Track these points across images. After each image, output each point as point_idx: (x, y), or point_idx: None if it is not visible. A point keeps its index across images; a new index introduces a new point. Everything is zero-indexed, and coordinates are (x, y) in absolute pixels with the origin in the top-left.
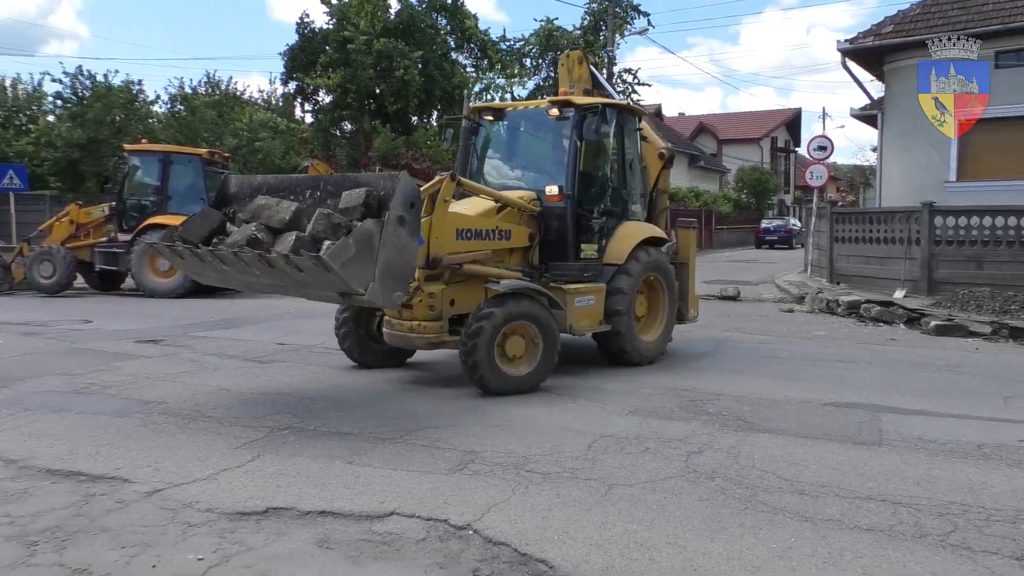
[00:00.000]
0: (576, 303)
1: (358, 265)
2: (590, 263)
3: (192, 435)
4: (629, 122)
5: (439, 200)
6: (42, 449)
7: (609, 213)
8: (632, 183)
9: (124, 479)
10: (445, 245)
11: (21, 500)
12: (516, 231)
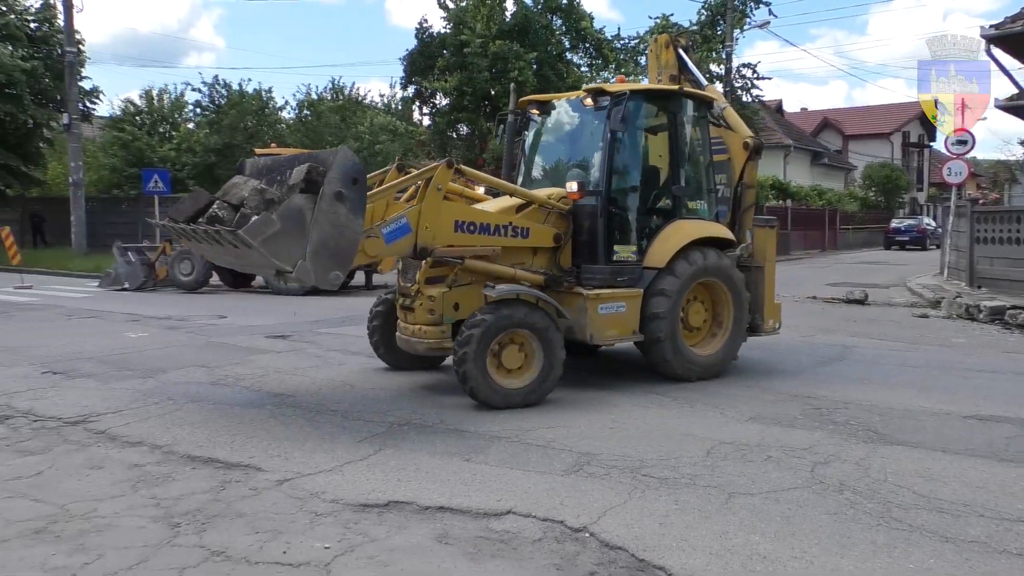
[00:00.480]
0: (600, 310)
1: (284, 241)
2: (625, 266)
3: (318, 427)
4: (687, 109)
5: (431, 187)
6: (184, 436)
7: (654, 211)
8: (694, 177)
9: (257, 467)
10: (439, 236)
11: (165, 484)
12: (537, 230)
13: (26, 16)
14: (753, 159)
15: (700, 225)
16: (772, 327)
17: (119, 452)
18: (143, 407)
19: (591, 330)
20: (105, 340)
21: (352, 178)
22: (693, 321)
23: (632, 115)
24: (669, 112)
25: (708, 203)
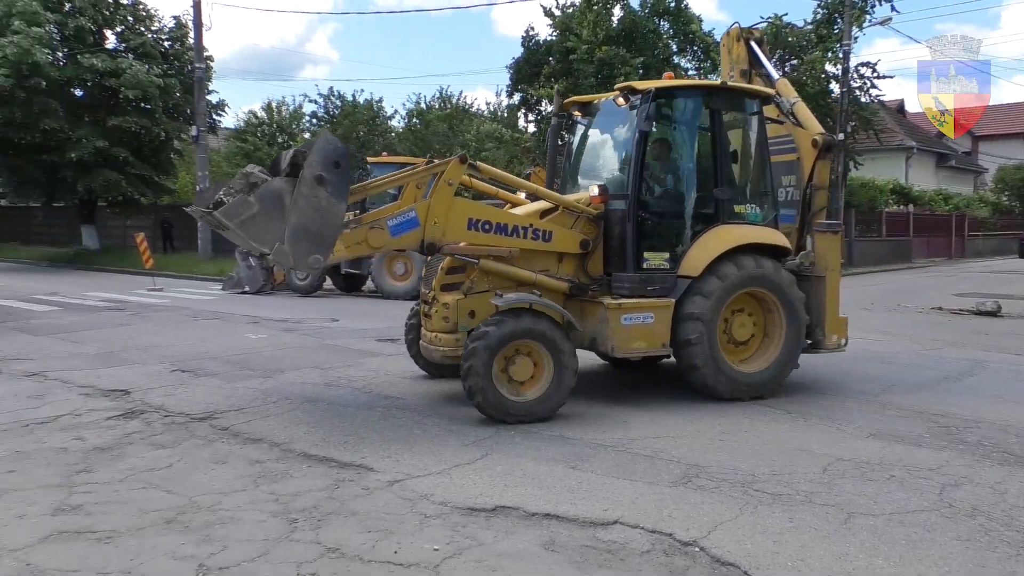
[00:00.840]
0: (623, 321)
1: (262, 223)
2: (656, 274)
3: (426, 431)
4: (735, 106)
5: (441, 182)
6: (300, 435)
7: (691, 216)
8: (742, 178)
9: (369, 468)
10: (449, 233)
11: (283, 480)
12: (562, 234)
13: (161, 35)
14: (823, 158)
15: (745, 231)
16: (836, 343)
17: (241, 448)
18: (263, 406)
19: (612, 342)
20: (228, 341)
21: (334, 161)
22: (738, 335)
23: (663, 113)
24: (711, 110)
25: (762, 206)
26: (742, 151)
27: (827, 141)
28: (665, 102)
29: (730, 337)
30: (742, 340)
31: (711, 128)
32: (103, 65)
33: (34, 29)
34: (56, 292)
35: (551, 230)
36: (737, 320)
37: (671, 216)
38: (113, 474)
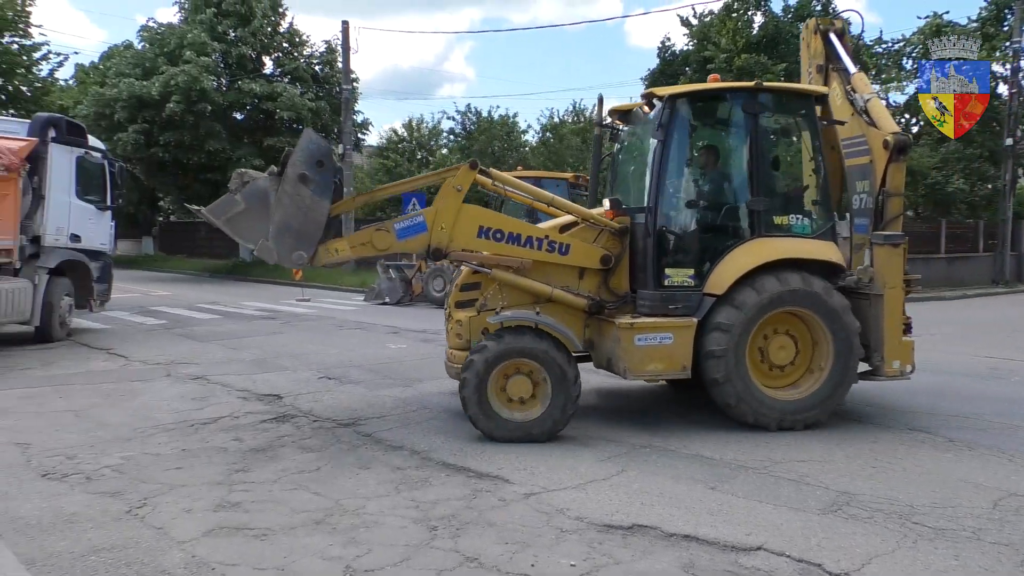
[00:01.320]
0: (637, 341)
1: (247, 221)
2: (679, 292)
3: (561, 444)
4: (778, 107)
5: (450, 187)
6: (439, 444)
7: (720, 228)
8: (787, 186)
9: (505, 479)
10: (457, 239)
11: (423, 488)
12: (580, 248)
13: (312, 60)
14: (896, 160)
15: (783, 244)
16: (898, 371)
17: (384, 454)
18: (403, 414)
19: (625, 363)
20: (370, 350)
21: (317, 160)
22: (776, 358)
23: (684, 120)
24: (746, 113)
25: (813, 217)
26: (788, 156)
27: (899, 141)
28: (685, 108)
29: (766, 359)
30: (780, 363)
31: (745, 133)
32: (261, 90)
33: (202, 58)
34: (216, 301)
35: (569, 243)
36: (775, 342)
37: (696, 230)
38: (267, 474)
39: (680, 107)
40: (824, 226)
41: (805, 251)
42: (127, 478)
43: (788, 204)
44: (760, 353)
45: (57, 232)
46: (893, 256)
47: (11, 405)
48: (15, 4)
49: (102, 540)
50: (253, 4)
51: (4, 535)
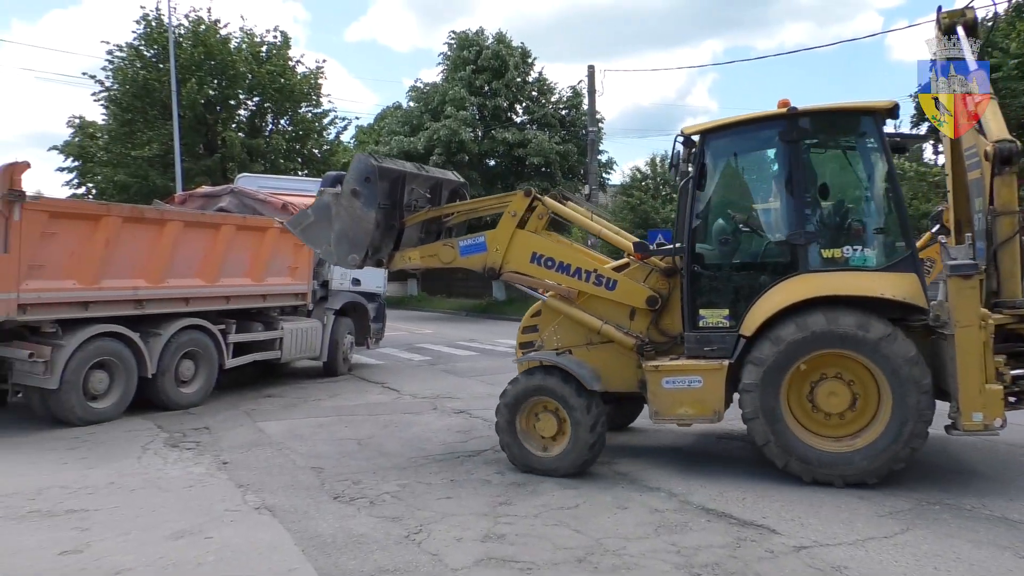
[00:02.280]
0: (664, 384)
1: (316, 230)
2: (714, 333)
3: (833, 495)
4: (827, 129)
5: (506, 213)
6: (696, 487)
7: (756, 267)
8: (843, 215)
9: (771, 529)
10: (511, 262)
11: (683, 532)
12: (627, 286)
13: (559, 105)
14: (1001, 173)
15: (828, 280)
16: (982, 424)
17: (640, 495)
18: (658, 454)
19: (654, 406)
20: None
21: (365, 177)
22: (826, 404)
23: (714, 155)
24: (784, 142)
25: (878, 247)
26: (842, 182)
27: (1002, 150)
28: (715, 143)
29: (817, 407)
30: (831, 411)
31: (785, 162)
32: (513, 137)
33: (461, 112)
34: (473, 339)
35: (616, 280)
36: (825, 387)
37: (730, 269)
38: (529, 508)
39: (709, 143)
40: (896, 257)
41: (846, 287)
42: (404, 504)
43: (841, 235)
44: (809, 398)
45: (342, 277)
46: (965, 289)
47: (307, 432)
48: (310, 79)
49: (386, 561)
50: (506, 58)
51: (306, 550)
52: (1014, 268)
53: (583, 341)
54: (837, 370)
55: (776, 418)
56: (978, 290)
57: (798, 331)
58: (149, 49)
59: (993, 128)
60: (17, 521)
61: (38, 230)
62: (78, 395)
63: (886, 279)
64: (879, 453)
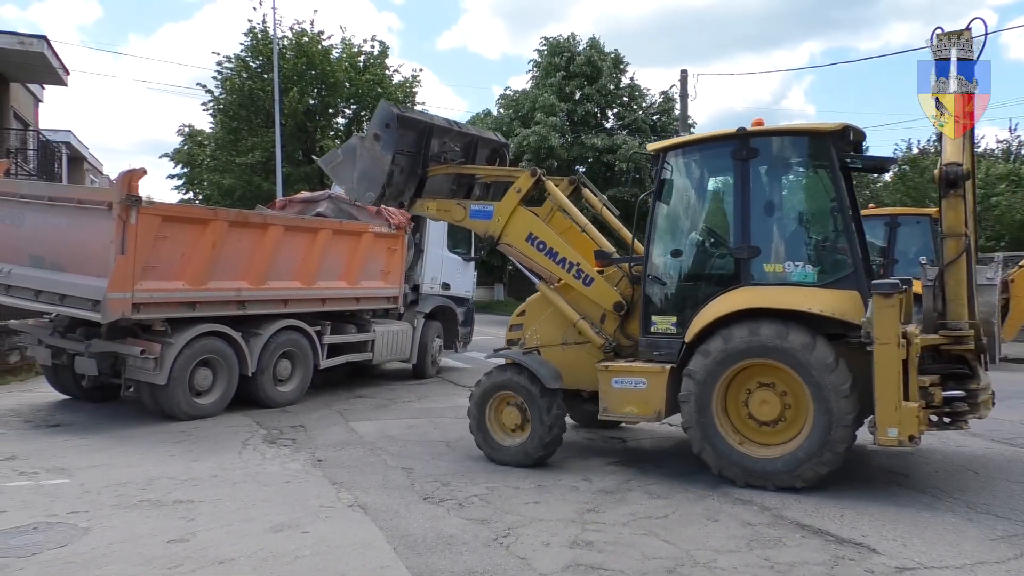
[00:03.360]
0: (614, 384)
1: (343, 168)
2: (662, 339)
3: (939, 515)
4: (778, 151)
5: (512, 188)
6: (791, 502)
7: (705, 278)
8: (785, 232)
9: (871, 548)
10: (508, 235)
11: (777, 547)
12: (600, 287)
13: (650, 111)
14: (947, 196)
15: (764, 293)
16: (894, 440)
17: (732, 507)
18: None
19: (604, 403)
20: None
21: (385, 123)
22: (758, 413)
23: (673, 171)
24: (735, 160)
25: (822, 264)
26: (790, 200)
27: (948, 173)
28: (674, 160)
29: (751, 415)
30: (765, 419)
31: (735, 180)
32: (602, 143)
33: (551, 119)
34: None
35: (593, 278)
36: (758, 396)
37: (682, 279)
38: (617, 517)
39: (669, 160)
40: (839, 273)
41: (775, 300)
42: (492, 507)
43: (784, 251)
44: (745, 406)
45: (432, 281)
46: (884, 308)
47: (398, 433)
48: (405, 87)
49: (475, 563)
50: (599, 64)
51: (397, 549)
52: (959, 290)
53: (559, 341)
54: (770, 380)
55: (709, 426)
56: (898, 309)
57: (724, 343)
58: (255, 60)
59: (948, 150)
60: (130, 509)
61: (152, 233)
62: (184, 391)
63: (821, 295)
64: (805, 458)
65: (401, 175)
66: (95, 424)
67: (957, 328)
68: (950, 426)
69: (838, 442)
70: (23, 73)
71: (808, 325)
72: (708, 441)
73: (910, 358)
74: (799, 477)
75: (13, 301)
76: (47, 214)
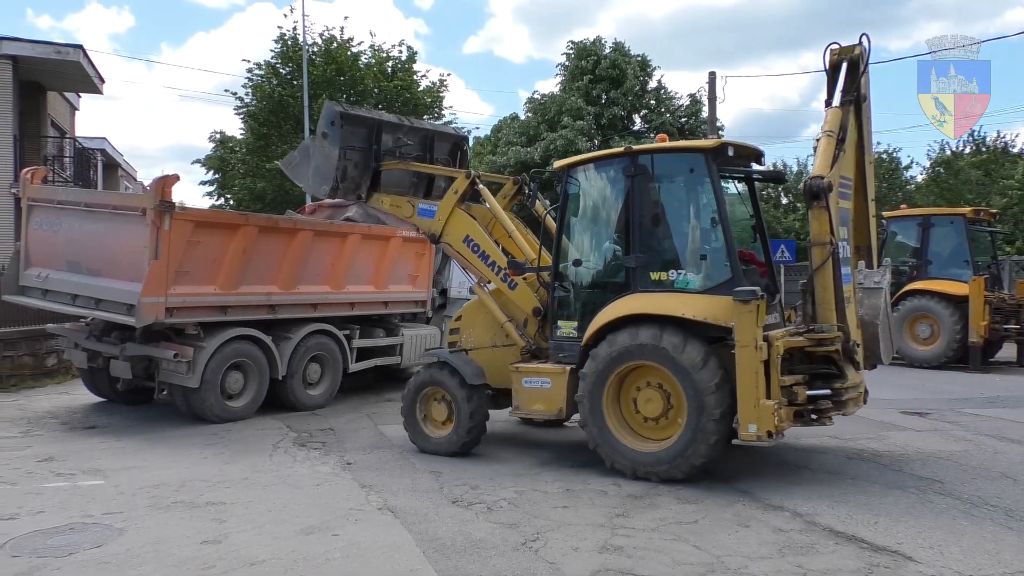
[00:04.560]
0: (524, 383)
1: (301, 168)
2: (565, 342)
3: (976, 523)
4: (663, 167)
5: (450, 190)
6: (824, 508)
7: (602, 286)
8: (670, 243)
9: (906, 555)
10: (447, 235)
11: (810, 554)
12: (523, 291)
13: (678, 114)
14: (811, 207)
15: (647, 300)
16: (754, 436)
17: (763, 513)
18: (781, 472)
19: (515, 401)
20: None
21: (330, 121)
22: (645, 410)
23: (574, 186)
24: (625, 176)
25: (702, 272)
26: (675, 213)
27: (811, 187)
28: (575, 175)
29: (640, 411)
30: (650, 416)
31: (625, 194)
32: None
33: (577, 122)
34: None
35: (516, 282)
36: (644, 395)
37: (582, 286)
38: (646, 522)
39: (571, 175)
40: (717, 281)
41: (654, 306)
42: (521, 511)
43: (669, 260)
44: (634, 404)
45: (459, 285)
46: (744, 313)
47: None
48: (433, 91)
49: (504, 567)
50: (624, 67)
51: (427, 552)
52: (825, 295)
53: (489, 343)
54: (655, 380)
55: (601, 424)
56: (755, 314)
57: (609, 347)
58: (285, 67)
59: (817, 164)
60: (163, 511)
61: (185, 238)
62: (216, 394)
63: (698, 301)
64: (682, 451)
65: (356, 169)
66: (129, 426)
67: (821, 331)
68: (816, 422)
69: (709, 434)
70: (60, 82)
71: (687, 329)
72: (601, 437)
73: (772, 359)
74: (678, 468)
75: (50, 305)
76: (83, 220)
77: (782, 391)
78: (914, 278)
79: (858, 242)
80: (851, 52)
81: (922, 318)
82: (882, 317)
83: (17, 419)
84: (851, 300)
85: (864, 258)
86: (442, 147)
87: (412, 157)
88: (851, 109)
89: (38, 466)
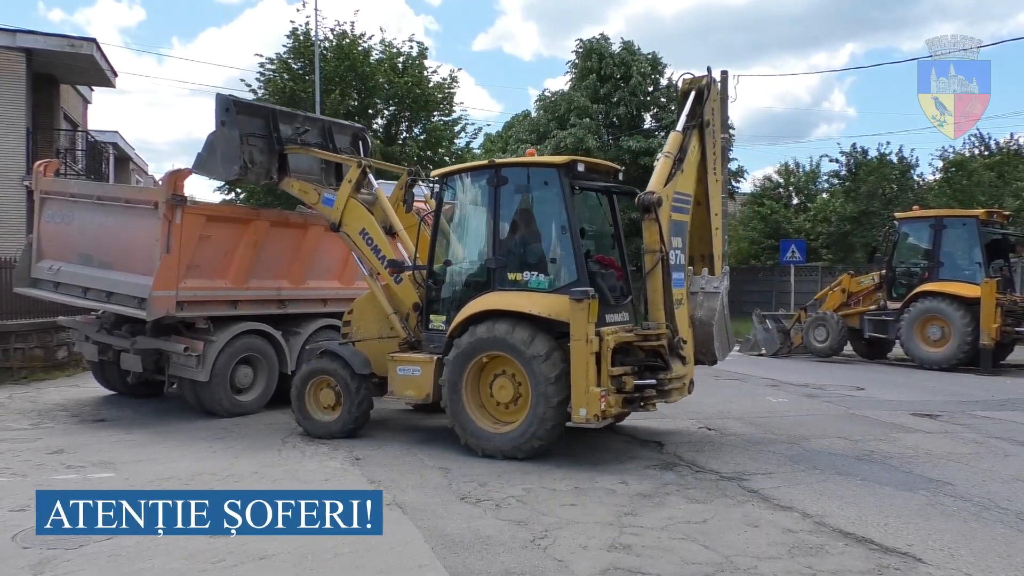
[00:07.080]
0: (399, 371)
1: (209, 162)
2: (435, 334)
3: (986, 526)
4: (522, 179)
5: (345, 178)
6: (833, 509)
7: (468, 284)
8: (526, 248)
9: (916, 558)
10: (346, 225)
11: (820, 555)
12: (406, 287)
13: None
14: (644, 219)
15: (501, 297)
16: (584, 419)
17: (771, 514)
18: (790, 472)
19: (391, 387)
20: (749, 402)
21: (225, 108)
22: (499, 396)
23: (448, 193)
24: (489, 186)
25: (552, 273)
26: (531, 220)
27: (643, 201)
28: (449, 184)
29: (494, 395)
30: (503, 401)
31: (488, 202)
32: (638, 145)
33: (586, 120)
34: None
35: (403, 278)
36: (498, 383)
37: (451, 284)
38: (655, 521)
39: (445, 183)
40: (565, 280)
41: (505, 303)
42: (529, 508)
43: (524, 263)
44: (491, 389)
45: None
46: (577, 311)
47: (435, 433)
48: (443, 88)
49: (513, 564)
50: (631, 66)
51: (435, 548)
52: (655, 296)
53: (376, 335)
54: (509, 369)
55: (459, 406)
56: (587, 311)
57: (469, 338)
58: (297, 62)
59: (652, 180)
60: None
61: (196, 232)
62: (225, 388)
63: (546, 299)
64: (522, 432)
65: (262, 155)
66: (139, 420)
67: (648, 328)
68: (642, 408)
69: (547, 420)
70: (72, 75)
71: (537, 325)
72: (457, 417)
73: (603, 352)
74: (520, 449)
75: (62, 298)
76: (95, 213)
77: (611, 380)
78: (925, 280)
79: (701, 251)
80: (700, 82)
81: (933, 320)
82: (718, 318)
83: (28, 411)
84: (682, 302)
85: (707, 265)
86: (342, 138)
87: (314, 144)
88: (694, 133)
89: (48, 458)
